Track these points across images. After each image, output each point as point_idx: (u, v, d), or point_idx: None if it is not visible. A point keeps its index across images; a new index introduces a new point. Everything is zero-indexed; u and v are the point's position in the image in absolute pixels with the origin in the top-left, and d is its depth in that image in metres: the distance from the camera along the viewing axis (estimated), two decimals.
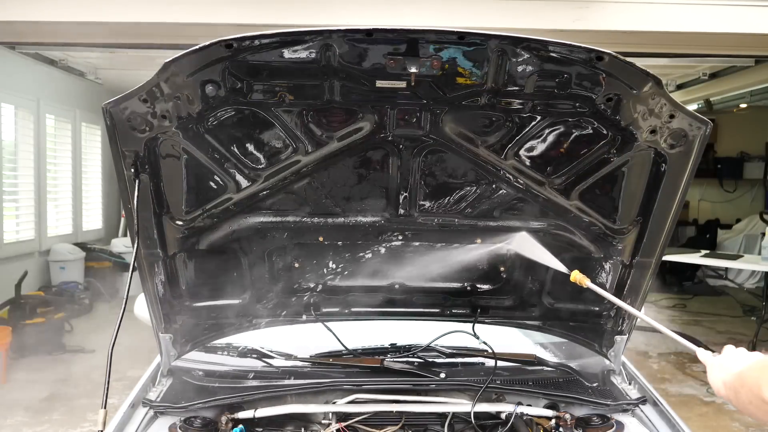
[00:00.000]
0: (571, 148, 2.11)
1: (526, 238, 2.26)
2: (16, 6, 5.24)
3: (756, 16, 5.31)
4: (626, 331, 2.40)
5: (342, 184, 2.26)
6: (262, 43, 1.73)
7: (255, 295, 2.49)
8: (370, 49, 1.77)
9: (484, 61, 1.79)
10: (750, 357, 1.51)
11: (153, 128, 1.89)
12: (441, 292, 2.61)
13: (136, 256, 2.06)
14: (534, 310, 2.60)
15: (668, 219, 2.07)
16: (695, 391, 5.93)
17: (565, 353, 2.86)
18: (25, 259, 8.07)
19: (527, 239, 2.26)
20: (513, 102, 1.97)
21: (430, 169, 2.22)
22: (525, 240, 2.26)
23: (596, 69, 1.77)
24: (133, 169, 1.94)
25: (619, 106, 1.89)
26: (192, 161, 2.07)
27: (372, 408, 2.19)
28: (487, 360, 2.60)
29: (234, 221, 2.27)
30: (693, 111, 1.86)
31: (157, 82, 1.75)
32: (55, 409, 5.38)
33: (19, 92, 7.80)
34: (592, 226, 2.25)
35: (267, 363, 2.67)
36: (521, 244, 2.27)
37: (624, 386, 2.43)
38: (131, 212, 1.99)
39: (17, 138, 7.99)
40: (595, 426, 2.18)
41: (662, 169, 2.00)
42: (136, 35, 5.87)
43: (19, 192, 8.10)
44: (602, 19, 5.29)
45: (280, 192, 2.24)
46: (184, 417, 2.15)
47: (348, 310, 2.60)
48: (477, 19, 5.08)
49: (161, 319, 2.28)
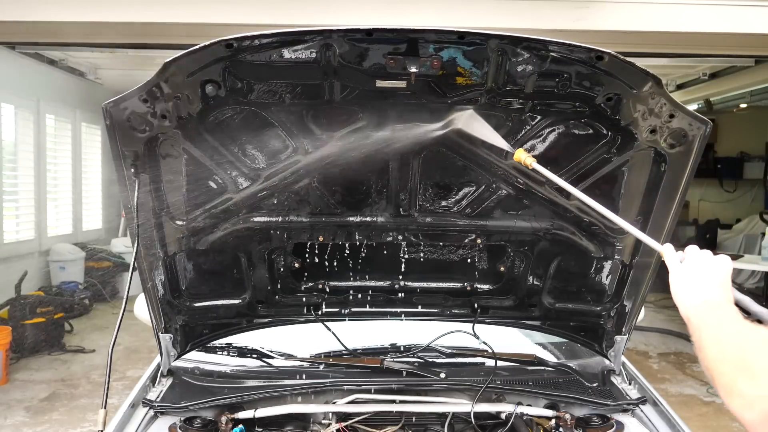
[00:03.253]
0: (571, 147, 2.11)
1: (473, 115, 2.03)
2: (16, 6, 5.24)
3: (756, 16, 5.31)
4: (626, 331, 2.40)
5: (342, 185, 2.26)
6: (262, 43, 1.73)
7: (255, 295, 2.49)
8: (370, 48, 1.77)
9: (484, 60, 1.79)
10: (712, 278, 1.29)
11: (153, 128, 1.89)
12: (441, 292, 2.61)
13: (136, 256, 2.06)
14: (534, 310, 2.60)
15: (668, 219, 2.07)
16: (695, 391, 5.94)
17: (565, 353, 2.86)
18: (25, 259, 8.06)
19: (474, 117, 2.03)
20: (513, 102, 1.97)
21: (430, 169, 2.22)
22: (471, 117, 2.02)
23: (596, 69, 1.77)
24: (133, 169, 1.94)
25: (619, 105, 1.89)
26: (192, 161, 2.07)
27: (372, 408, 2.19)
28: (487, 360, 2.61)
29: (234, 221, 2.27)
30: (693, 111, 1.86)
31: (157, 82, 1.75)
32: (55, 409, 5.38)
33: (19, 92, 7.80)
34: (592, 226, 2.25)
35: (267, 363, 2.67)
36: (467, 121, 2.03)
37: (624, 386, 2.43)
38: (131, 212, 1.99)
39: (17, 138, 7.99)
40: (595, 426, 2.18)
41: (662, 168, 2.00)
42: (136, 35, 5.87)
43: (19, 192, 8.10)
44: (602, 19, 5.28)
45: (280, 192, 2.24)
46: (184, 417, 2.15)
47: (348, 310, 2.60)
48: (477, 19, 5.08)
49: (161, 319, 2.28)
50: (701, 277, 1.30)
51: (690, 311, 1.27)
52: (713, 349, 1.17)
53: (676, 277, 1.35)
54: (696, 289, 1.29)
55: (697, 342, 1.22)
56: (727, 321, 1.21)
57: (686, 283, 1.32)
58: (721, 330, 1.19)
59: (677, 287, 1.33)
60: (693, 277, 1.31)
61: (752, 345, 1.13)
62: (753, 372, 1.08)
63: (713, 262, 1.32)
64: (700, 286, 1.29)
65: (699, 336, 1.22)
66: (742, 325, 1.18)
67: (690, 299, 1.29)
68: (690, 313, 1.27)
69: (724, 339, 1.17)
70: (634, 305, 2.32)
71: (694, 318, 1.26)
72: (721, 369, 1.13)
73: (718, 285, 1.28)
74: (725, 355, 1.14)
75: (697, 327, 1.23)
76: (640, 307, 2.34)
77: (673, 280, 1.35)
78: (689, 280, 1.31)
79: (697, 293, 1.28)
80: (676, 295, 1.33)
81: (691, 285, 1.30)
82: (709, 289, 1.28)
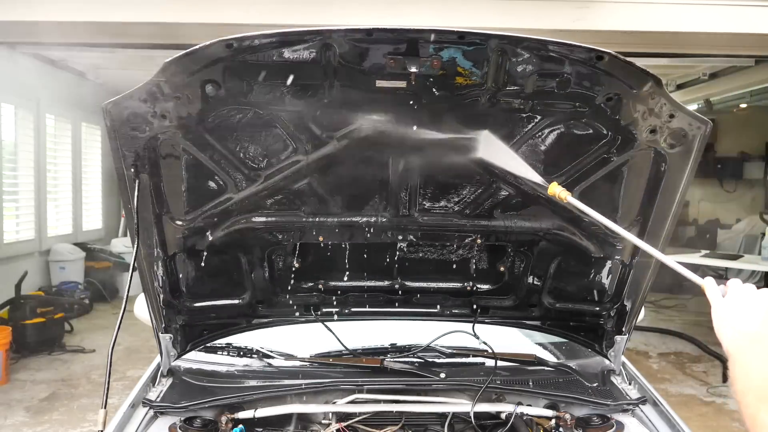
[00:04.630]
0: (571, 147, 2.11)
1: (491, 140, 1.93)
2: (16, 6, 5.24)
3: (756, 16, 5.30)
4: (626, 331, 2.40)
5: (342, 184, 2.26)
6: (262, 43, 1.73)
7: (255, 295, 2.49)
8: (370, 48, 1.77)
9: (484, 60, 1.79)
10: (755, 313, 1.28)
11: (153, 128, 1.89)
12: (441, 292, 2.60)
13: (136, 256, 2.06)
14: (534, 310, 2.60)
15: (668, 219, 2.07)
16: (695, 391, 5.94)
17: (565, 353, 2.86)
18: (25, 259, 8.07)
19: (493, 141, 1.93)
20: (513, 102, 1.96)
21: (430, 169, 2.22)
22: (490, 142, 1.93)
23: (596, 69, 1.77)
24: (133, 169, 1.94)
25: (619, 105, 1.88)
26: (192, 161, 2.07)
27: (372, 408, 2.19)
28: (487, 360, 2.61)
29: (234, 221, 2.27)
30: (693, 111, 1.86)
31: (157, 82, 1.75)
32: (55, 409, 5.38)
33: (19, 92, 7.80)
34: (592, 226, 2.25)
35: (267, 363, 2.67)
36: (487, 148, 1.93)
37: (624, 386, 2.43)
38: (131, 212, 1.99)
39: (17, 138, 7.99)
40: (595, 426, 2.18)
41: (662, 168, 2.00)
42: (136, 35, 5.86)
43: (19, 192, 8.10)
44: (602, 19, 5.28)
45: (280, 192, 2.23)
46: (184, 417, 2.15)
47: (348, 310, 2.60)
48: (477, 19, 5.07)
49: (161, 319, 2.28)
50: (744, 312, 1.28)
51: (731, 346, 1.27)
52: (741, 381, 1.19)
53: (718, 311, 1.33)
54: (738, 324, 1.28)
55: (731, 375, 1.24)
56: (763, 355, 1.21)
57: (729, 318, 1.30)
58: (753, 363, 1.21)
59: (720, 322, 1.32)
60: (736, 311, 1.30)
61: None
62: None
63: (757, 296, 1.30)
64: (742, 321, 1.28)
65: (732, 369, 1.24)
66: None
67: (732, 334, 1.28)
68: (731, 347, 1.27)
69: (752, 370, 1.19)
70: (634, 305, 2.32)
71: (733, 352, 1.26)
72: (746, 400, 1.16)
73: (761, 320, 1.27)
74: (749, 385, 1.16)
75: (734, 361, 1.24)
76: (640, 307, 2.34)
77: (715, 315, 1.33)
78: (732, 315, 1.30)
79: (739, 328, 1.27)
80: (718, 330, 1.32)
81: (734, 320, 1.29)
82: (752, 324, 1.27)
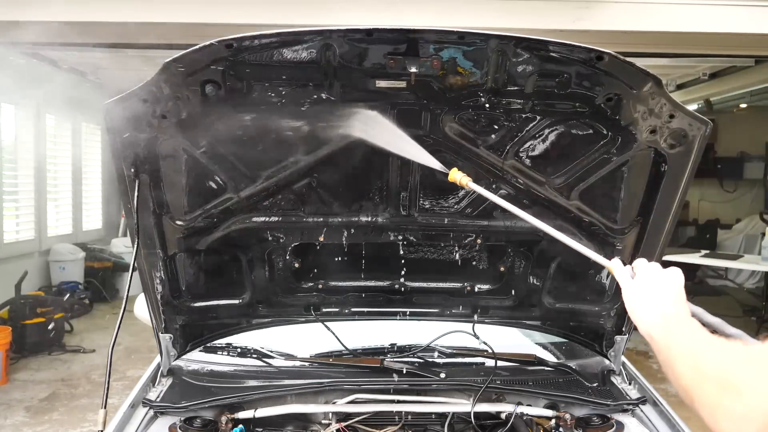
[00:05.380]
0: (571, 147, 2.11)
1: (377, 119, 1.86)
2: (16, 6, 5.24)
3: (756, 16, 5.30)
4: (626, 331, 2.40)
5: (342, 184, 2.26)
6: (262, 43, 1.73)
7: (255, 295, 2.49)
8: (370, 48, 1.77)
9: (484, 61, 1.79)
10: (666, 292, 1.25)
11: (153, 128, 1.89)
12: (441, 292, 2.60)
13: (136, 256, 2.06)
14: (534, 310, 2.59)
15: (668, 219, 2.07)
16: None
17: (565, 353, 2.86)
18: (25, 259, 8.07)
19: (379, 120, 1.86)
20: (513, 102, 1.97)
21: (430, 169, 2.22)
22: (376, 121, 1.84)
23: (596, 69, 1.77)
24: (133, 169, 1.95)
25: (619, 105, 1.89)
26: (192, 161, 2.07)
27: (372, 408, 2.19)
28: (487, 360, 2.60)
29: (234, 221, 2.27)
30: (693, 111, 1.86)
31: (157, 82, 1.75)
32: (55, 409, 5.39)
33: (19, 92, 7.79)
34: (593, 226, 2.25)
35: (267, 363, 2.67)
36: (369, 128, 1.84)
37: (624, 386, 2.43)
38: (131, 212, 1.99)
39: (17, 138, 7.99)
40: (595, 426, 2.18)
41: (662, 169, 2.00)
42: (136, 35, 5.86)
43: (19, 192, 8.11)
44: (602, 19, 5.27)
45: (280, 192, 2.24)
46: (184, 417, 2.15)
47: (348, 310, 2.60)
48: (477, 19, 5.07)
49: (161, 319, 2.28)
50: (655, 291, 1.27)
51: (651, 328, 1.23)
52: (689, 369, 1.13)
53: (629, 293, 1.31)
54: (652, 305, 1.26)
55: (666, 360, 1.18)
56: (697, 337, 1.17)
57: (641, 299, 1.28)
58: (694, 347, 1.15)
59: (632, 304, 1.30)
60: (647, 292, 1.28)
61: (732, 361, 1.09)
62: (739, 389, 1.04)
63: (665, 275, 1.28)
64: (655, 301, 1.25)
65: (668, 355, 1.18)
66: (714, 341, 1.15)
67: (647, 316, 1.25)
68: (651, 330, 1.23)
69: (700, 357, 1.13)
70: None
71: (657, 336, 1.22)
72: (703, 389, 1.09)
73: (672, 298, 1.24)
74: (705, 374, 1.10)
75: (666, 345, 1.19)
76: None
77: (626, 297, 1.31)
78: (643, 295, 1.28)
79: (653, 309, 1.25)
80: (632, 312, 1.29)
81: (646, 300, 1.27)
82: (665, 303, 1.24)
